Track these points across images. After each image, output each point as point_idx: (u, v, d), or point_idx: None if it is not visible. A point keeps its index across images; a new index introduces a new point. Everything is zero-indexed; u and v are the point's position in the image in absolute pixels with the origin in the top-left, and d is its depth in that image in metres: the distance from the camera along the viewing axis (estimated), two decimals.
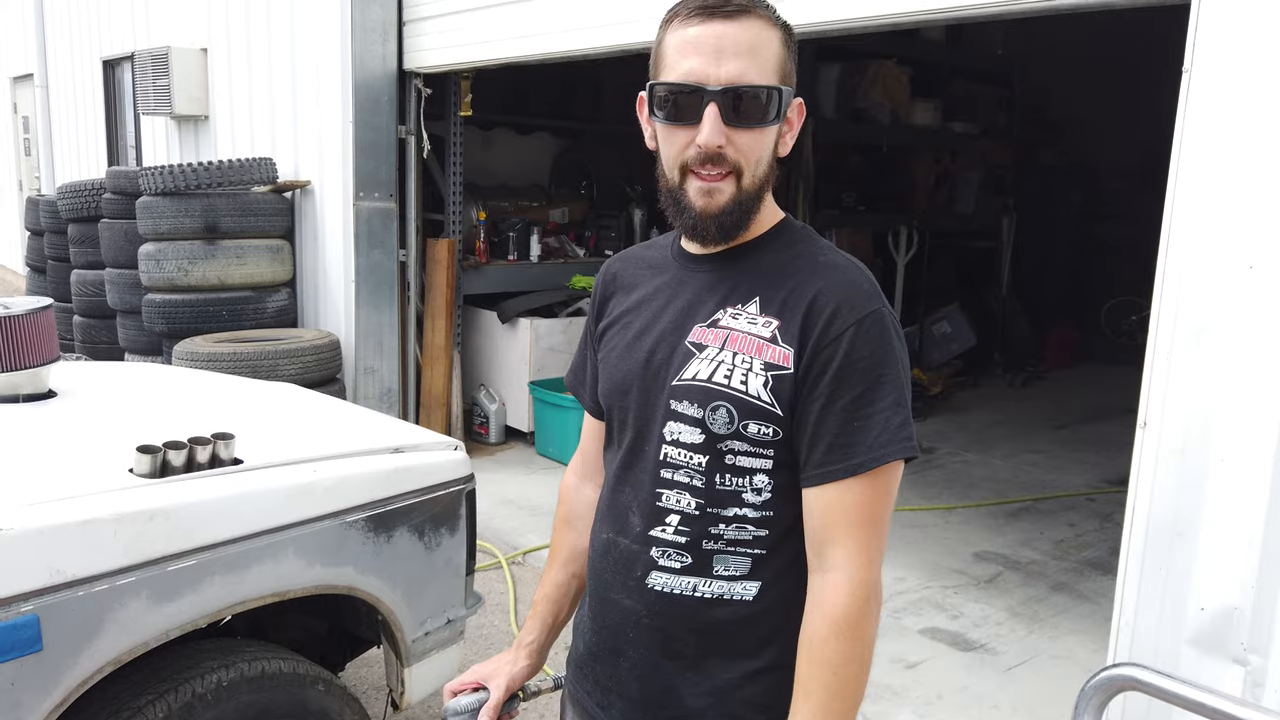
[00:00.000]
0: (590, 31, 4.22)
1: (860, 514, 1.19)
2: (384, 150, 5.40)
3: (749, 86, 1.17)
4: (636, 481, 1.31)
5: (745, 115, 1.18)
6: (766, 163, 1.23)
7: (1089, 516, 5.06)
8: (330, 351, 5.20)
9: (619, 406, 1.35)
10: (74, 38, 9.02)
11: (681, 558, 1.26)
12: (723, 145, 1.18)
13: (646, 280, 1.38)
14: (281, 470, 2.14)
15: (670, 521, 1.27)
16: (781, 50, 1.20)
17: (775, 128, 1.22)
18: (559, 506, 1.58)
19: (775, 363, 1.21)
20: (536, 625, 1.50)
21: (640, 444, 1.31)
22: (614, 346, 1.37)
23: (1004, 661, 3.53)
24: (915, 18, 3.04)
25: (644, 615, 1.30)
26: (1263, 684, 2.24)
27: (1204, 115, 2.28)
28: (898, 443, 1.18)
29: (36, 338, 2.46)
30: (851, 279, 1.23)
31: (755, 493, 1.24)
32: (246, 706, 1.98)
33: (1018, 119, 9.03)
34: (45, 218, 7.19)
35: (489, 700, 1.42)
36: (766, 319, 1.23)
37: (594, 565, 1.39)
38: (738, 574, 1.25)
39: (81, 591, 1.73)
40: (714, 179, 1.20)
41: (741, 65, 1.16)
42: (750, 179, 1.21)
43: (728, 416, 1.21)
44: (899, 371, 1.21)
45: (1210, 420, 2.30)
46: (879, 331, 1.20)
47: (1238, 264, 2.24)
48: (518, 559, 4.33)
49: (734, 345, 1.23)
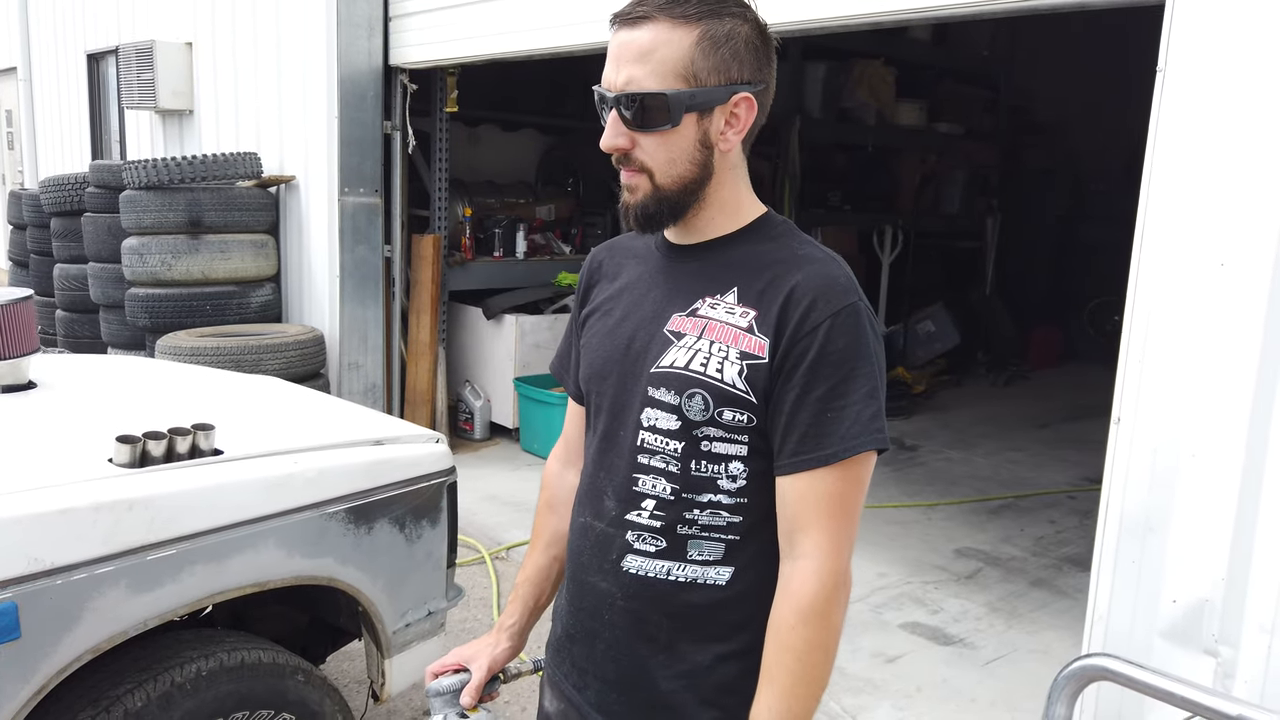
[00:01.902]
0: (576, 28, 4.22)
1: (831, 504, 1.21)
2: (369, 146, 5.40)
3: (636, 94, 1.21)
4: (612, 466, 1.33)
5: (642, 120, 1.22)
6: (685, 161, 1.24)
7: (1069, 514, 5.11)
8: (314, 347, 5.19)
9: (597, 391, 1.37)
10: (58, 31, 8.96)
11: (656, 542, 1.28)
12: (626, 147, 1.24)
13: (630, 268, 1.41)
14: (262, 461, 2.15)
15: (646, 506, 1.29)
16: (689, 50, 1.20)
17: (686, 129, 1.23)
18: (542, 491, 1.59)
19: (750, 352, 1.22)
20: (518, 608, 1.52)
21: (617, 429, 1.33)
22: (595, 332, 1.39)
23: (983, 656, 3.56)
24: (892, 17, 3.06)
25: (619, 598, 1.32)
26: (1233, 675, 2.27)
27: (1177, 114, 2.32)
28: (870, 434, 1.20)
29: (16, 329, 2.46)
30: (829, 272, 1.25)
31: (730, 479, 1.26)
32: (226, 696, 1.98)
33: (1003, 120, 9.09)
34: (28, 212, 7.15)
35: (470, 682, 1.43)
36: (744, 309, 1.25)
37: (572, 548, 1.42)
38: (711, 559, 1.27)
39: (60, 580, 1.74)
40: (629, 175, 1.26)
41: (632, 72, 1.20)
42: (665, 177, 1.24)
43: (703, 404, 1.23)
44: (873, 364, 1.22)
45: (1182, 416, 2.33)
46: (854, 324, 1.21)
47: (1209, 261, 2.27)
48: (501, 554, 4.34)
49: (711, 334, 1.25)
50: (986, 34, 8.44)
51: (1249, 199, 2.21)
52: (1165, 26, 2.32)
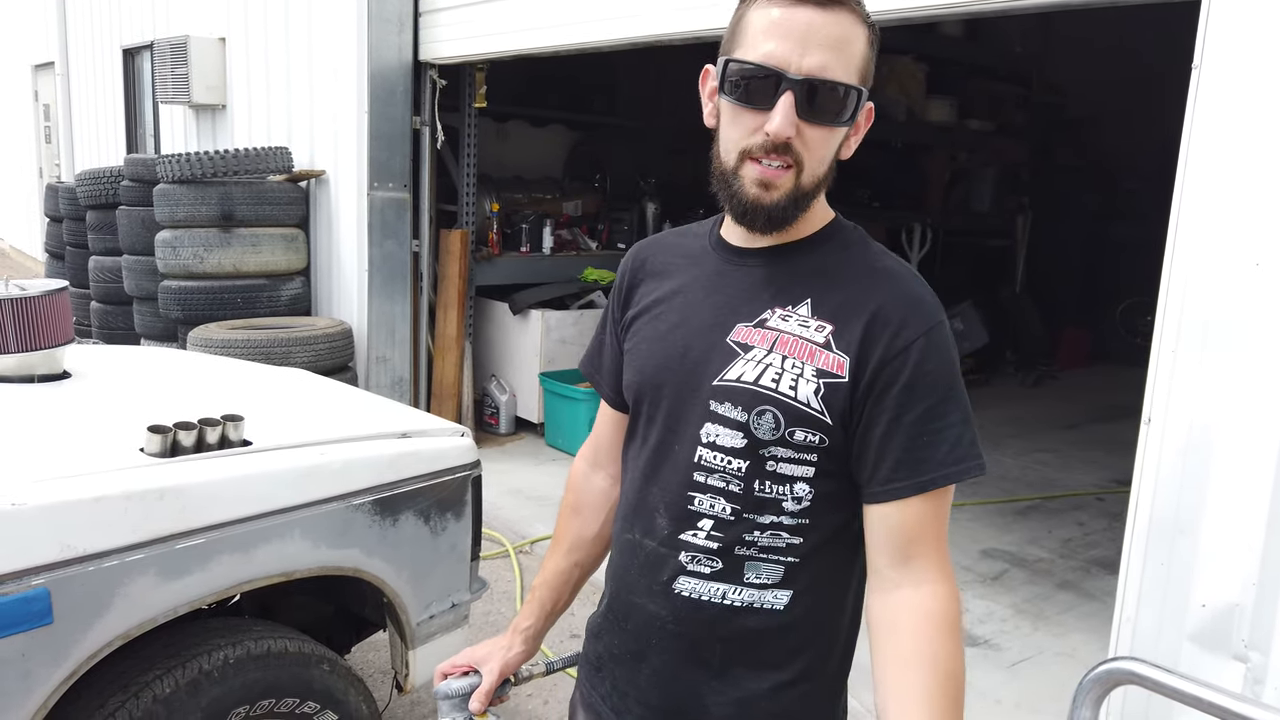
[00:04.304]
0: (605, 23, 4.23)
1: (937, 527, 1.17)
2: (398, 141, 5.43)
3: (830, 81, 1.11)
4: (665, 482, 1.26)
5: (819, 110, 1.12)
6: (828, 162, 1.18)
7: (1097, 516, 5.05)
8: (343, 340, 5.24)
9: (649, 401, 1.28)
10: (95, 26, 9.10)
11: (711, 563, 1.22)
12: (791, 136, 1.12)
13: (681, 269, 1.31)
14: (290, 452, 2.17)
15: (702, 526, 1.22)
16: (867, 50, 1.15)
17: (845, 129, 1.17)
18: (567, 493, 1.54)
19: (828, 370, 1.15)
20: (534, 611, 1.48)
21: (671, 442, 1.25)
22: (644, 337, 1.30)
23: (1007, 658, 3.53)
24: (922, 12, 3.03)
25: (669, 621, 1.25)
26: (1263, 681, 2.24)
27: (1213, 111, 2.28)
28: (969, 459, 1.15)
29: (52, 319, 2.50)
30: (915, 290, 1.19)
31: (795, 500, 1.19)
32: (253, 684, 2.01)
33: (1034, 117, 8.98)
34: (64, 204, 7.26)
35: (481, 685, 1.40)
36: (819, 323, 1.18)
37: (616, 566, 1.35)
38: (769, 582, 1.21)
39: (92, 567, 1.76)
40: (774, 171, 1.14)
41: (826, 58, 1.10)
42: (809, 176, 1.16)
43: (774, 422, 1.16)
44: (962, 385, 1.18)
45: (1214, 417, 2.30)
46: (945, 345, 1.16)
47: (1244, 261, 2.23)
48: (525, 548, 4.36)
49: (783, 348, 1.17)
50: (1018, 29, 8.35)
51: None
52: (1201, 22, 2.29)
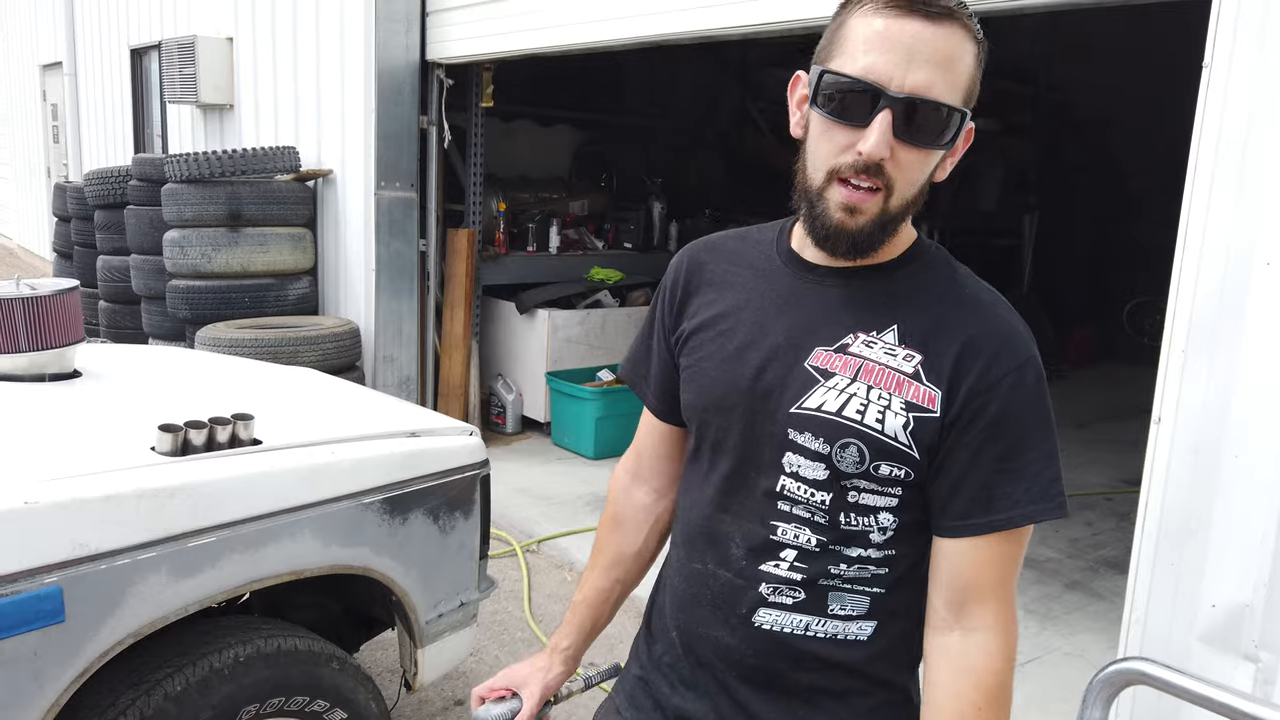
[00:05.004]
0: (614, 23, 4.23)
1: (1005, 569, 1.12)
2: (405, 140, 5.44)
3: (932, 101, 1.03)
4: (742, 510, 1.20)
5: (918, 131, 1.04)
6: (920, 186, 1.10)
7: (1106, 515, 5.04)
8: (350, 339, 5.25)
9: (717, 425, 1.21)
10: (102, 26, 9.12)
11: (794, 594, 1.17)
12: (885, 158, 1.04)
13: (746, 281, 1.23)
14: (300, 451, 2.17)
15: (785, 556, 1.16)
16: (974, 68, 1.07)
17: (942, 152, 1.09)
18: (607, 505, 1.47)
19: (918, 403, 1.09)
20: (573, 631, 1.42)
21: (747, 470, 1.19)
22: (708, 354, 1.22)
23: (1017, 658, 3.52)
24: None
25: (749, 654, 1.20)
26: (1273, 681, 2.23)
27: (1223, 111, 2.27)
28: (1048, 500, 1.09)
29: (62, 318, 2.51)
30: (1008, 321, 1.14)
31: (881, 531, 1.15)
32: (263, 682, 2.01)
33: (1042, 116, 8.96)
34: (72, 204, 7.28)
35: (522, 710, 1.36)
36: (907, 351, 1.11)
37: (680, 595, 1.27)
38: (854, 613, 1.17)
39: (103, 565, 1.77)
40: (861, 194, 1.06)
41: (931, 75, 1.02)
42: (898, 200, 1.08)
43: (858, 455, 1.10)
44: (1053, 423, 1.12)
45: (1224, 417, 2.29)
46: (1037, 380, 1.12)
47: (1255, 260, 2.23)
48: (532, 547, 4.37)
49: (868, 377, 1.11)
50: (1026, 28, 8.32)
51: None
52: (1211, 22, 2.28)
